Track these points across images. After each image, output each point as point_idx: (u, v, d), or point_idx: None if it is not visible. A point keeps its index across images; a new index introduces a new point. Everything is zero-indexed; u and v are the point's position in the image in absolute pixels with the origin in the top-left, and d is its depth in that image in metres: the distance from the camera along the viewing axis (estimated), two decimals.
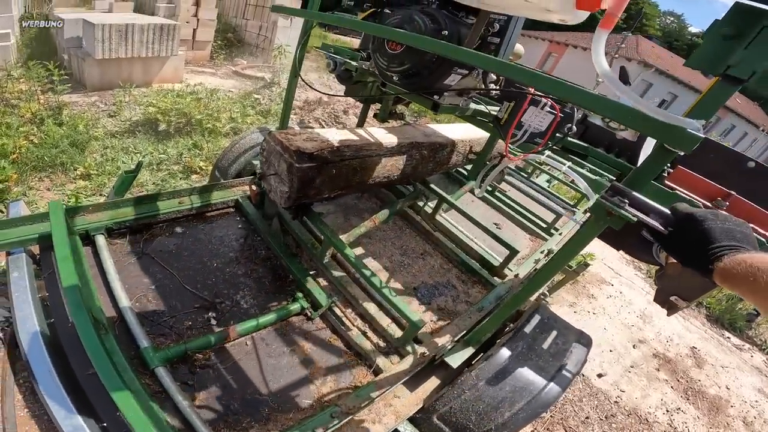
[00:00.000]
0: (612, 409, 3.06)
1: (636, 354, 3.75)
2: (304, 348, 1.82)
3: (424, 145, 2.39)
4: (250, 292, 1.97)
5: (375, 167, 2.09)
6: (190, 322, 1.72)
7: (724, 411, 3.43)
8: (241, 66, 8.06)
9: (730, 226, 0.79)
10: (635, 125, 1.05)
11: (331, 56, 2.17)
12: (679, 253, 0.88)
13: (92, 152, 4.03)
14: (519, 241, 3.10)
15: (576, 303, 4.12)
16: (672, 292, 1.57)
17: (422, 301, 2.17)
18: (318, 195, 1.92)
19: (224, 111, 5.22)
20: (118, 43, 5.17)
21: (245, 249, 2.19)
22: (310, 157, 1.69)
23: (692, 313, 4.81)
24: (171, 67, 6.11)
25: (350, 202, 2.80)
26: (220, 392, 1.54)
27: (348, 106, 6.47)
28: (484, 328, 1.77)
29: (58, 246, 1.63)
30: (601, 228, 1.19)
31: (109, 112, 4.94)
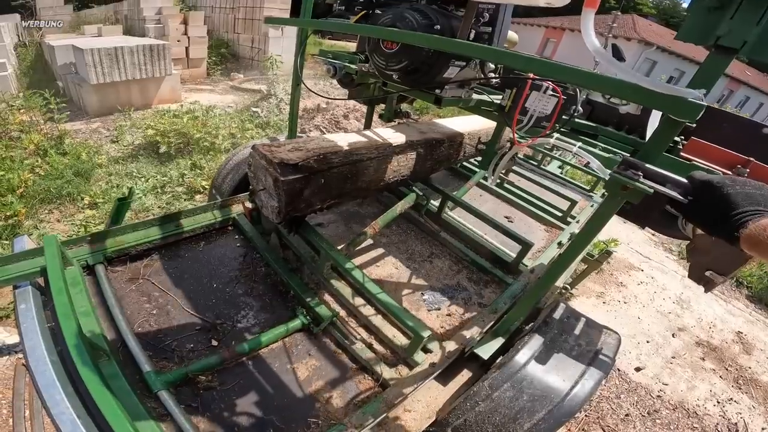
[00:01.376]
0: (655, 404, 2.86)
1: (677, 343, 3.52)
2: (308, 364, 1.75)
3: (419, 143, 2.30)
4: (251, 311, 1.93)
5: (368, 172, 2.03)
6: (192, 345, 1.72)
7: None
8: (238, 80, 8.18)
9: (750, 190, 0.77)
10: (636, 99, 1.06)
11: (330, 62, 2.17)
12: (703, 222, 0.86)
13: (97, 180, 4.11)
14: (533, 233, 2.97)
15: (604, 293, 3.91)
16: (706, 266, 1.52)
17: (431, 307, 2.08)
18: (310, 207, 1.87)
19: (223, 127, 5.25)
20: (110, 67, 5.24)
21: (245, 267, 2.16)
22: (295, 168, 1.65)
23: (733, 294, 4.51)
24: (168, 87, 6.18)
25: (351, 209, 2.73)
26: (224, 413, 1.52)
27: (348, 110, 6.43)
28: (512, 317, 1.72)
29: (52, 279, 1.65)
30: (618, 204, 1.15)
31: (111, 138, 5.02)
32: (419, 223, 2.62)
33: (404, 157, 2.22)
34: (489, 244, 2.52)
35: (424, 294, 2.15)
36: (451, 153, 2.66)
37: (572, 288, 3.58)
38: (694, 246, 1.60)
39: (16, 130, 4.31)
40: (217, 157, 4.70)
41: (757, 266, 5.02)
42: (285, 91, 6.82)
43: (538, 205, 3.17)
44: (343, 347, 1.83)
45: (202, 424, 1.46)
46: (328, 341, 1.86)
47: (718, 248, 1.58)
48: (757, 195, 0.76)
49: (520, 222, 3.08)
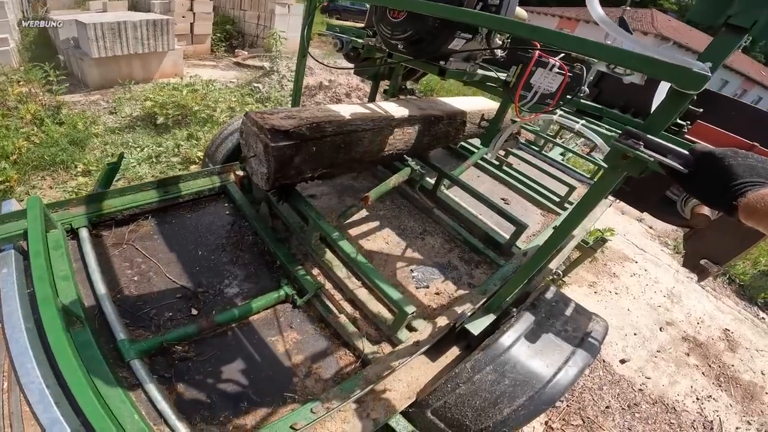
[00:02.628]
0: (636, 397, 2.83)
1: (663, 337, 3.47)
2: (289, 337, 1.69)
3: (418, 119, 2.18)
4: (234, 281, 1.86)
5: (362, 143, 1.92)
6: (171, 313, 1.65)
7: (758, 398, 3.15)
8: (241, 57, 8.02)
9: (752, 162, 0.75)
10: (642, 68, 1.04)
11: (338, 35, 2.15)
12: (701, 192, 0.84)
13: (92, 149, 4.04)
14: (529, 216, 2.87)
15: (596, 282, 3.85)
16: (702, 254, 1.53)
17: (419, 285, 2.00)
18: (300, 175, 1.79)
19: (223, 101, 5.16)
20: (112, 41, 5.19)
21: (232, 235, 2.08)
22: (286, 135, 1.58)
23: (724, 291, 4.45)
24: (170, 62, 6.13)
25: (346, 183, 2.62)
26: (198, 385, 1.46)
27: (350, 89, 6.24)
28: (504, 293, 1.69)
29: (31, 241, 1.57)
30: (618, 176, 1.14)
31: (110, 110, 4.94)
32: (413, 199, 2.52)
33: (401, 131, 2.10)
34: (483, 224, 2.43)
35: (414, 271, 2.07)
36: (450, 131, 2.53)
37: (565, 276, 3.52)
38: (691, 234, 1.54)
39: (14, 100, 4.25)
40: (215, 129, 4.60)
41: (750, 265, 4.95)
42: (288, 68, 6.68)
43: (535, 189, 3.07)
44: (326, 321, 1.76)
45: (174, 395, 1.41)
46: (311, 314, 1.79)
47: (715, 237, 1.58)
48: (758, 167, 0.74)
49: (517, 204, 2.97)
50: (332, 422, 1.37)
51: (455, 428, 1.36)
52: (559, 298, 1.74)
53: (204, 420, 1.37)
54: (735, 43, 0.97)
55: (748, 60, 27.15)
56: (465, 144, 3.46)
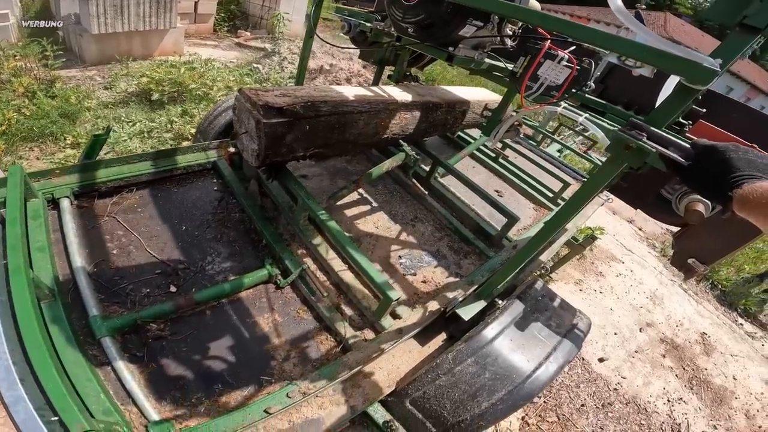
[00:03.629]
0: (610, 396, 2.85)
1: (642, 338, 3.49)
2: (270, 319, 1.63)
3: (416, 105, 2.11)
4: (217, 258, 1.79)
5: (357, 125, 1.86)
6: (148, 290, 1.58)
7: (727, 403, 3.19)
8: (244, 38, 7.81)
9: (752, 157, 0.77)
10: (652, 61, 1.04)
11: (346, 18, 2.13)
12: (700, 184, 0.85)
13: (83, 122, 3.97)
14: (521, 210, 2.83)
15: (582, 280, 3.85)
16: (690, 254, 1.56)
17: (407, 272, 1.95)
18: (291, 153, 1.73)
19: (220, 80, 5.07)
20: (113, 18, 5.07)
21: (218, 212, 2.00)
22: (279, 112, 1.53)
23: (706, 295, 4.50)
24: (171, 40, 6.00)
25: (339, 165, 2.55)
26: (171, 365, 1.40)
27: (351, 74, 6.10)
28: (496, 280, 1.69)
29: (8, 208, 1.48)
30: (618, 167, 1.15)
31: (105, 85, 4.82)
32: (406, 185, 2.46)
33: (398, 116, 2.03)
34: (474, 215, 2.38)
35: (402, 257, 2.02)
36: (448, 119, 2.46)
37: (553, 272, 3.51)
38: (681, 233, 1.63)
39: (8, 74, 4.15)
40: (210, 107, 4.51)
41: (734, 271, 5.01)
42: (289, 50, 6.54)
43: (530, 183, 3.02)
44: (309, 304, 1.71)
45: (145, 375, 1.35)
46: (294, 296, 1.74)
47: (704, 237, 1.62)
48: (758, 162, 0.75)
49: (510, 198, 2.93)
50: (308, 407, 1.33)
51: (433, 419, 1.33)
52: (546, 292, 1.71)
53: (175, 401, 1.32)
54: (748, 42, 0.98)
55: (755, 68, 27.05)
56: (462, 134, 3.39)
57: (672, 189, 1.79)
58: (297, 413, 1.30)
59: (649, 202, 1.85)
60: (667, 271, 4.59)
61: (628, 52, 1.12)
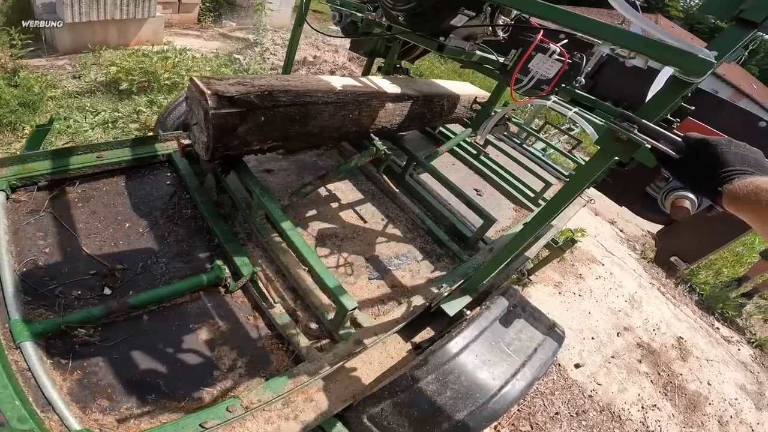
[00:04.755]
0: (585, 404, 2.79)
1: (619, 343, 3.45)
2: (216, 325, 1.50)
3: (389, 96, 1.98)
4: (162, 258, 1.64)
5: (322, 117, 1.73)
6: (79, 292, 1.45)
7: (701, 409, 3.18)
8: (228, 28, 7.61)
9: (744, 152, 0.76)
10: (647, 51, 1.04)
11: (337, 8, 2.10)
12: (690, 178, 0.85)
13: (45, 112, 3.79)
14: (501, 210, 2.73)
15: (562, 283, 3.79)
16: (672, 252, 1.62)
17: (372, 276, 1.83)
18: (246, 146, 1.60)
19: (196, 70, 4.90)
20: (88, 6, 4.89)
21: (168, 208, 1.84)
22: (230, 101, 1.41)
23: (684, 299, 4.51)
24: (150, 30, 5.80)
25: (308, 159, 2.40)
26: (100, 372, 1.29)
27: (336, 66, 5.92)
28: (480, 276, 1.69)
29: None
30: (607, 161, 1.16)
31: (74, 74, 4.60)
32: (379, 183, 2.33)
33: (369, 108, 1.90)
34: (450, 215, 2.28)
35: (369, 260, 1.90)
36: (425, 113, 2.33)
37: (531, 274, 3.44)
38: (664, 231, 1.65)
39: None
40: None
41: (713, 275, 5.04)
42: (272, 41, 6.34)
43: (511, 182, 2.92)
44: (261, 310, 1.57)
45: (69, 382, 1.23)
46: (245, 301, 1.60)
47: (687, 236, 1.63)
48: (750, 157, 0.75)
49: (490, 197, 2.83)
50: (253, 422, 1.22)
51: None
52: (518, 302, 1.61)
53: (101, 410, 1.20)
54: (744, 36, 0.97)
55: (741, 72, 27.95)
56: (444, 129, 3.27)
57: (658, 186, 1.83)
58: (241, 428, 1.19)
59: (634, 198, 1.87)
60: (646, 274, 4.58)
61: (623, 42, 1.11)
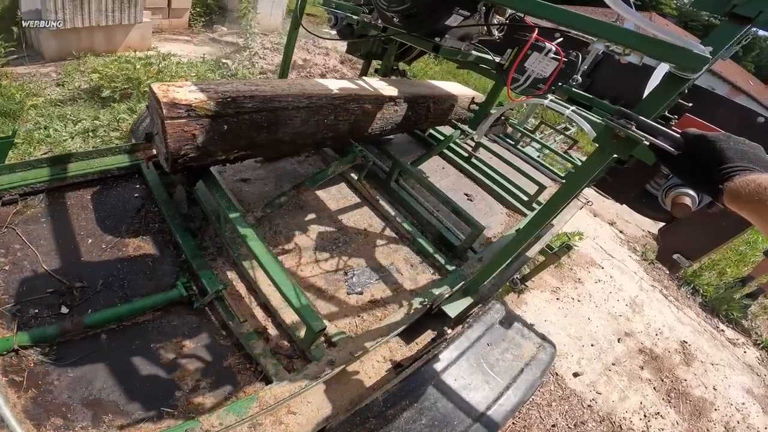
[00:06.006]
0: (583, 414, 2.69)
1: (620, 349, 3.36)
2: (180, 344, 1.43)
3: (368, 98, 1.90)
4: (125, 275, 1.58)
5: (293, 123, 1.65)
6: (37, 310, 1.40)
7: (706, 415, 3.08)
8: (219, 33, 7.57)
9: (744, 147, 0.75)
10: (642, 47, 1.05)
11: (333, 11, 2.10)
12: (689, 174, 0.83)
13: (25, 121, 3.72)
14: (493, 216, 2.65)
15: (560, 288, 3.70)
16: (675, 249, 1.59)
17: (352, 290, 1.75)
18: (210, 156, 1.53)
19: (183, 75, 4.84)
20: (72, 13, 4.88)
21: (135, 222, 1.77)
22: (187, 109, 1.34)
23: (687, 301, 4.40)
24: (137, 35, 5.79)
25: (288, 167, 2.32)
26: (55, 391, 1.24)
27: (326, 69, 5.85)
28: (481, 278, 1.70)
29: None
30: (606, 158, 1.17)
31: (58, 82, 4.55)
32: (361, 190, 2.25)
33: (345, 112, 1.82)
34: (437, 223, 2.19)
35: (348, 274, 1.82)
36: (410, 115, 2.25)
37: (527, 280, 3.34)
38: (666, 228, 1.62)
39: None
40: None
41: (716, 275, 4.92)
42: (261, 45, 6.31)
43: (503, 186, 2.83)
44: (228, 328, 1.49)
45: (23, 400, 1.19)
46: (213, 319, 1.52)
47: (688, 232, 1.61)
48: (750, 152, 0.74)
49: (481, 202, 2.74)
50: None
51: None
52: (504, 318, 1.52)
53: (55, 429, 1.16)
54: (738, 31, 0.98)
55: (737, 69, 28.40)
56: (434, 131, 3.19)
57: (658, 183, 1.80)
58: None
59: (634, 196, 1.85)
60: (647, 276, 4.47)
61: (617, 39, 1.12)
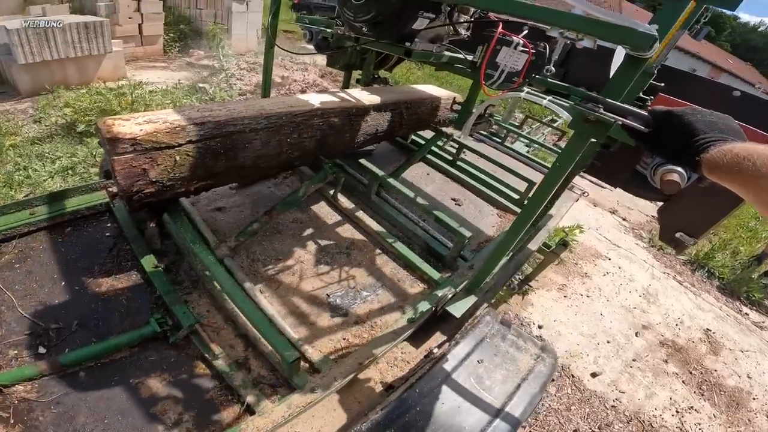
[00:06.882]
0: (608, 416, 2.60)
1: (639, 344, 3.26)
2: (160, 379, 1.42)
3: (332, 111, 1.90)
4: (100, 313, 1.58)
5: (252, 146, 1.66)
6: (16, 351, 1.43)
7: (745, 405, 2.96)
8: (195, 57, 7.72)
9: (712, 119, 0.78)
10: (590, 30, 1.11)
11: (307, 26, 2.19)
12: (664, 150, 0.86)
13: (4, 163, 3.75)
14: (484, 219, 2.62)
15: (566, 285, 3.62)
16: (676, 227, 1.62)
17: (336, 313, 1.72)
18: (169, 190, 1.52)
19: (158, 104, 4.90)
20: (39, 46, 5.02)
21: (107, 262, 1.77)
22: (132, 143, 1.34)
23: (704, 286, 4.28)
24: (110, 65, 5.92)
25: (265, 191, 2.32)
26: (41, 426, 1.25)
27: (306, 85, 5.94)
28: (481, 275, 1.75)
29: None
30: (584, 142, 1.22)
31: (35, 118, 4.63)
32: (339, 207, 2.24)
33: (309, 128, 1.82)
34: (424, 233, 2.17)
35: (331, 296, 1.79)
36: (382, 124, 2.26)
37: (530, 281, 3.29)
38: (664, 207, 1.64)
39: None
40: None
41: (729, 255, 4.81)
42: (237, 66, 6.46)
43: (492, 186, 2.81)
44: (207, 361, 1.47)
45: None
46: (189, 353, 1.51)
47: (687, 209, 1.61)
48: (719, 123, 0.77)
49: (470, 205, 2.72)
50: None
51: None
52: (497, 330, 1.48)
53: None
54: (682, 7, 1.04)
55: (715, 49, 30.35)
56: (416, 137, 3.20)
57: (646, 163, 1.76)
58: None
59: (626, 179, 1.87)
60: (658, 263, 4.38)
61: (567, 24, 1.17)
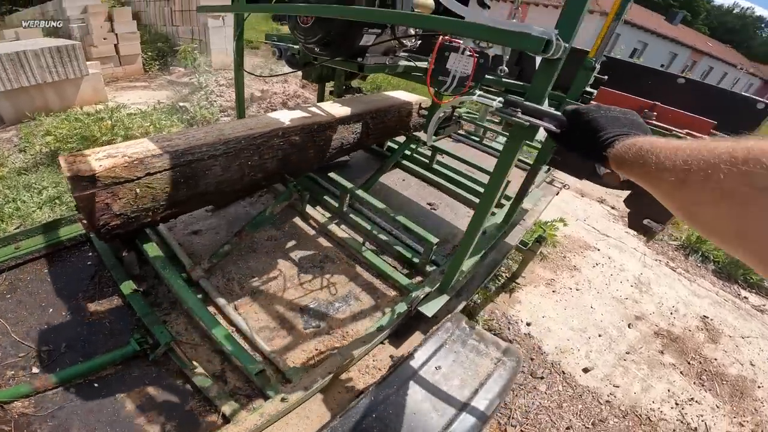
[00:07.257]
0: (602, 412, 2.61)
1: (632, 335, 3.27)
2: (144, 393, 1.53)
3: (292, 130, 2.02)
4: (86, 336, 1.71)
5: (212, 172, 1.77)
6: (12, 372, 1.59)
7: (750, 394, 2.93)
8: (176, 74, 7.87)
9: (616, 114, 0.82)
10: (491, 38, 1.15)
11: (276, 44, 2.26)
12: (576, 148, 0.91)
13: None
14: (460, 220, 2.70)
15: (555, 280, 3.65)
16: (643, 215, 1.69)
17: (308, 325, 1.81)
18: (136, 222, 1.65)
19: (137, 127, 4.94)
20: (15, 72, 5.10)
21: (90, 289, 1.90)
22: (91, 180, 1.46)
23: (699, 270, 4.29)
24: (89, 88, 6.00)
25: (240, 211, 2.42)
26: None
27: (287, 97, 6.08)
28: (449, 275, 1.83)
29: None
30: (517, 143, 1.31)
31: (20, 147, 4.73)
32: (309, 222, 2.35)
33: (269, 149, 1.94)
34: (394, 241, 2.25)
35: (304, 309, 1.88)
36: (347, 136, 2.36)
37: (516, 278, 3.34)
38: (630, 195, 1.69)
39: None
40: None
41: None
42: (216, 82, 6.59)
43: (467, 187, 2.89)
44: (186, 376, 1.58)
45: None
46: (170, 368, 1.62)
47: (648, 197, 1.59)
48: (622, 118, 0.81)
49: (446, 209, 2.80)
50: None
51: None
52: (457, 336, 1.54)
53: None
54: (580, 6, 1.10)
55: (693, 33, 30.23)
56: (392, 143, 3.30)
57: None
58: None
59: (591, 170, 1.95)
60: (650, 251, 4.39)
61: (467, 33, 1.24)
